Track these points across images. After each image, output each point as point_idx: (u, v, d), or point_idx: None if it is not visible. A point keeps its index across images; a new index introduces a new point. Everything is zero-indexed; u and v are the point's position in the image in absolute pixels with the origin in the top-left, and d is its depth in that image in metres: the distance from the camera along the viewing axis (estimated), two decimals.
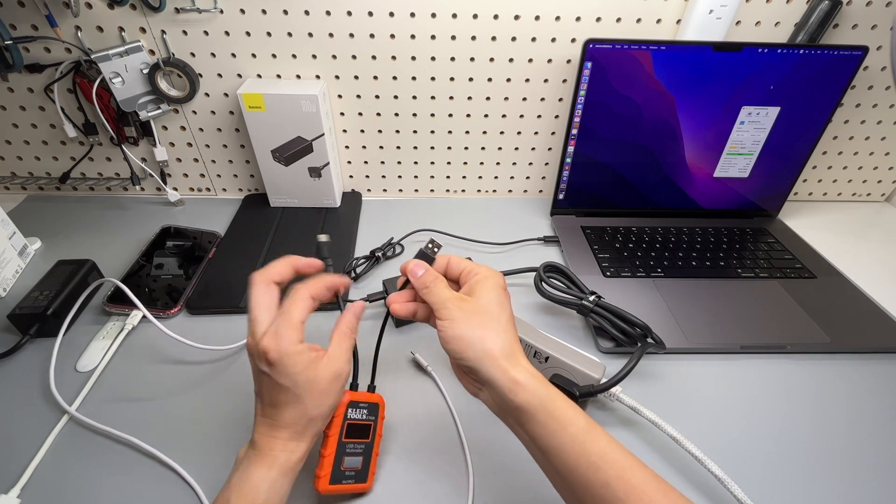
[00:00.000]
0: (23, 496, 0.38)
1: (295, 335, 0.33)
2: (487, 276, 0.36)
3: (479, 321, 0.33)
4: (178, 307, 0.54)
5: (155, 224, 0.66)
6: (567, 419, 0.31)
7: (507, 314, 0.35)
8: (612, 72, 0.60)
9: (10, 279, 0.57)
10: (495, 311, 0.34)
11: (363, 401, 0.39)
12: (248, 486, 0.31)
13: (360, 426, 0.38)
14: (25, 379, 0.47)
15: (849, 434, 0.45)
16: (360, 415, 0.38)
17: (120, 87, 0.61)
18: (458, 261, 0.37)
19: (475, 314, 0.33)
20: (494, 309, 0.34)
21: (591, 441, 0.30)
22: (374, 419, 0.39)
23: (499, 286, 0.35)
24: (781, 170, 0.69)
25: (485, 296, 0.34)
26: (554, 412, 0.31)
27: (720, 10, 0.58)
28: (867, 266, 0.65)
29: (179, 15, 0.59)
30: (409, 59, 0.63)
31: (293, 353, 0.32)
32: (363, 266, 0.61)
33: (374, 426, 0.39)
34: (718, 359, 0.51)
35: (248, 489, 0.31)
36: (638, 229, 0.69)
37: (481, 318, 0.33)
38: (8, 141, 0.69)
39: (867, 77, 0.66)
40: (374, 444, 0.39)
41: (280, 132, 0.64)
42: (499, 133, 0.71)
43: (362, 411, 0.39)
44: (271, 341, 0.32)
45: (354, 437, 0.38)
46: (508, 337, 0.33)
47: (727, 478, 0.38)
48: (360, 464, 0.38)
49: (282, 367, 0.32)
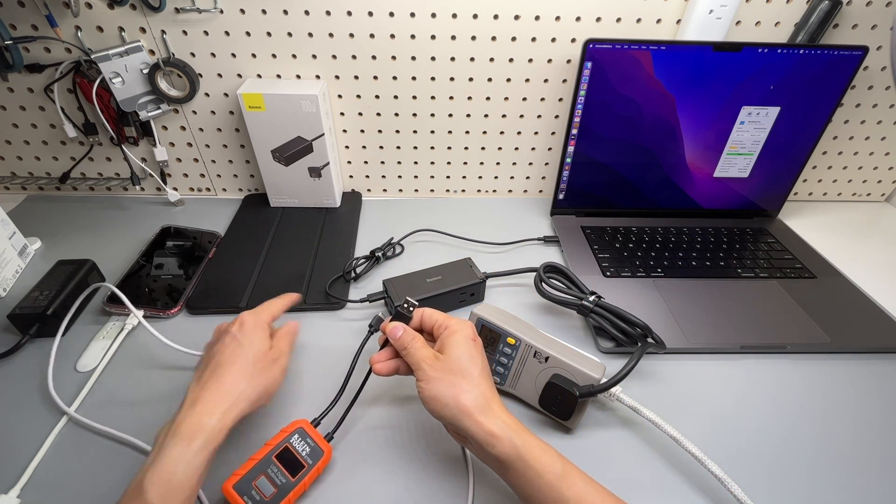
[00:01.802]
0: (23, 496, 0.38)
1: (266, 318, 0.41)
2: (455, 329, 0.38)
3: (452, 380, 0.35)
4: (177, 307, 0.54)
5: (155, 224, 0.66)
6: (543, 466, 0.32)
7: (479, 365, 0.37)
8: (612, 72, 0.60)
9: (9, 279, 0.57)
10: (466, 365, 0.36)
11: (313, 438, 0.39)
12: (164, 465, 0.30)
13: (294, 460, 0.37)
14: (25, 379, 0.47)
15: (849, 434, 0.45)
16: (302, 449, 0.38)
17: (120, 87, 0.61)
18: (431, 314, 0.40)
19: (447, 373, 0.36)
20: (465, 363, 0.36)
21: (566, 487, 0.31)
22: (311, 464, 0.38)
23: (467, 338, 0.38)
24: (781, 170, 0.69)
25: (454, 351, 0.37)
26: (530, 461, 0.32)
27: (720, 10, 0.58)
28: (867, 266, 0.65)
29: (179, 15, 0.59)
30: (409, 59, 0.63)
31: (261, 325, 0.40)
32: (363, 266, 0.61)
33: (306, 469, 0.37)
34: (718, 359, 0.51)
35: (164, 469, 0.30)
36: (638, 229, 0.69)
37: (453, 377, 0.35)
38: (8, 141, 0.69)
39: (867, 77, 0.66)
40: (295, 488, 0.36)
41: (280, 132, 0.64)
42: (499, 133, 0.71)
43: (305, 447, 0.38)
44: (248, 314, 0.41)
45: (283, 464, 0.37)
46: (482, 390, 0.35)
47: (727, 478, 0.38)
48: (271, 496, 0.35)
49: (248, 331, 0.39)
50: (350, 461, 0.41)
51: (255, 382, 0.37)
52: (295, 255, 0.63)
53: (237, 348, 0.38)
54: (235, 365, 0.37)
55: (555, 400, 0.43)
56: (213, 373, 0.36)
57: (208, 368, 0.37)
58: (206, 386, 0.35)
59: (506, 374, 0.46)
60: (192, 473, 0.31)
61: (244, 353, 0.37)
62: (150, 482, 0.29)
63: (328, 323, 0.54)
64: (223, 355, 0.37)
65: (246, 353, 0.37)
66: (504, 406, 0.36)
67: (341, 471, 0.40)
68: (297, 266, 0.61)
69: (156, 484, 0.29)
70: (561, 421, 0.44)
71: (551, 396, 0.43)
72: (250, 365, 0.37)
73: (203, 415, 0.33)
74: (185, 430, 0.32)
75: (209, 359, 0.38)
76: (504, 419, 0.34)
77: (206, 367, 0.37)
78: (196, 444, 0.31)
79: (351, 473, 0.40)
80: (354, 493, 0.39)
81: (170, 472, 0.30)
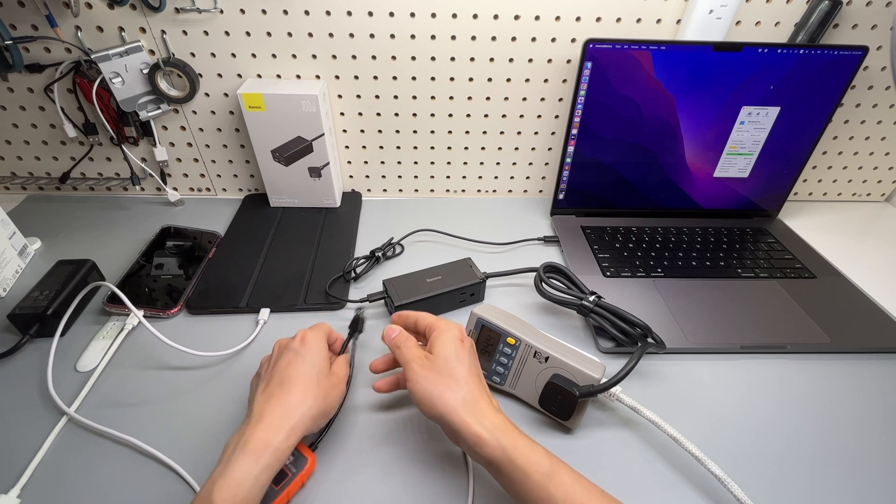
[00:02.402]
0: (22, 496, 0.38)
1: (324, 335, 0.42)
2: (443, 329, 0.39)
3: (438, 379, 0.36)
4: (177, 307, 0.54)
5: (155, 224, 0.66)
6: (530, 466, 0.32)
7: (466, 365, 0.37)
8: (612, 72, 0.60)
9: (10, 279, 0.57)
10: (453, 365, 0.37)
11: (297, 448, 0.38)
12: (232, 479, 0.31)
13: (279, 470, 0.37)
14: (25, 379, 0.47)
15: (849, 434, 0.45)
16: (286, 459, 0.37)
17: (120, 87, 0.61)
18: (424, 317, 0.42)
19: (435, 372, 0.36)
20: (452, 363, 0.37)
21: (553, 486, 0.31)
22: (294, 472, 0.38)
23: (455, 339, 0.38)
24: (781, 170, 0.69)
25: (441, 352, 0.38)
26: (516, 461, 0.32)
27: (720, 10, 0.58)
28: (867, 266, 0.65)
29: (179, 15, 0.59)
30: (409, 59, 0.63)
31: (322, 342, 0.41)
32: (363, 266, 0.61)
33: (289, 479, 0.37)
34: (718, 359, 0.51)
35: (233, 482, 0.31)
36: (638, 229, 0.69)
37: (440, 376, 0.36)
38: (8, 141, 0.69)
39: (867, 77, 0.66)
40: (279, 497, 0.36)
41: (280, 132, 0.64)
42: (499, 133, 0.71)
43: (290, 457, 0.38)
44: (308, 330, 0.41)
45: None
46: (469, 388, 0.36)
47: (727, 478, 0.38)
48: None
49: (310, 347, 0.39)
50: (350, 461, 0.41)
51: (318, 402, 0.37)
52: (295, 255, 0.63)
53: (301, 365, 0.38)
54: (301, 382, 0.37)
55: (555, 400, 0.43)
56: (278, 387, 0.36)
57: (273, 382, 0.37)
58: (271, 399, 0.35)
59: (506, 374, 0.46)
60: (258, 489, 0.32)
61: (308, 370, 0.38)
62: (220, 495, 0.30)
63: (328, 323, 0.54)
64: (288, 371, 0.37)
65: (310, 370, 0.38)
66: (495, 405, 0.36)
67: (341, 471, 0.40)
68: (297, 266, 0.61)
69: (224, 497, 0.30)
70: (561, 421, 0.44)
71: (551, 396, 0.43)
72: (315, 383, 0.37)
73: (270, 431, 0.33)
74: (254, 446, 0.32)
75: (273, 373, 0.38)
76: (492, 419, 0.34)
77: (271, 380, 0.37)
78: (263, 462, 0.32)
79: (351, 474, 0.40)
80: (354, 493, 0.39)
81: (238, 486, 0.31)
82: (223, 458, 0.33)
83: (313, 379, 0.38)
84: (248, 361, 0.50)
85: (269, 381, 0.38)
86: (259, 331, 0.52)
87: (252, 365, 0.49)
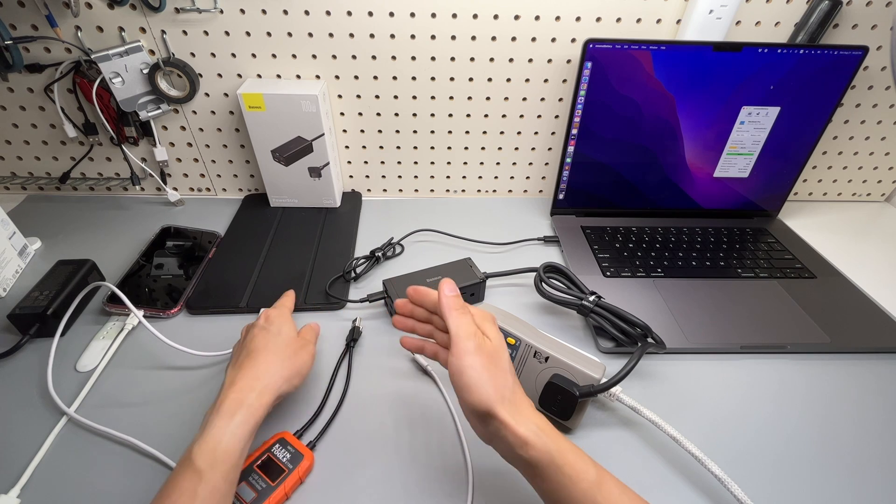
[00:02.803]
0: (23, 496, 0.38)
1: (286, 311, 0.45)
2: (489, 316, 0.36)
3: (493, 367, 0.33)
4: (177, 307, 0.54)
5: (155, 224, 0.66)
6: (577, 473, 0.30)
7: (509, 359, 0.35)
8: (612, 72, 0.60)
9: (10, 279, 0.57)
10: (504, 357, 0.34)
11: (293, 445, 0.40)
12: (209, 437, 0.33)
13: (275, 466, 0.38)
14: (25, 379, 0.47)
15: (849, 434, 0.45)
16: (283, 456, 0.39)
17: (120, 87, 0.61)
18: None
19: (490, 359, 0.33)
20: (503, 354, 0.34)
21: (602, 495, 0.30)
22: (291, 469, 0.38)
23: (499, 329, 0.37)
24: (781, 170, 0.69)
25: (496, 338, 0.34)
26: (563, 467, 0.30)
27: (720, 10, 0.58)
28: (867, 266, 0.65)
29: (179, 15, 0.59)
30: (409, 59, 0.63)
31: (285, 315, 0.44)
32: (363, 266, 0.61)
33: (286, 474, 0.38)
34: (718, 359, 0.51)
35: (210, 440, 0.33)
36: (638, 229, 0.69)
37: (495, 365, 0.33)
38: (8, 141, 0.69)
39: (867, 77, 0.66)
40: (275, 491, 0.37)
41: (280, 132, 0.64)
42: (499, 133, 0.71)
43: (286, 454, 0.39)
44: (272, 309, 0.45)
45: (264, 472, 0.38)
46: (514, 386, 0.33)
47: (727, 478, 0.38)
48: (251, 500, 0.36)
49: (274, 321, 0.42)
50: (349, 462, 0.41)
51: (287, 363, 0.40)
52: (295, 255, 0.63)
53: (267, 335, 0.41)
54: (268, 349, 0.40)
55: (555, 400, 0.43)
56: (247, 357, 0.39)
57: (242, 354, 0.40)
58: (241, 368, 0.38)
59: None
60: (236, 444, 0.33)
61: (274, 339, 0.41)
62: (198, 452, 0.32)
63: (328, 323, 0.54)
64: (255, 342, 0.40)
65: (276, 338, 0.41)
66: (531, 404, 0.34)
67: (340, 471, 0.40)
68: (297, 266, 0.61)
69: (203, 453, 0.32)
70: (561, 421, 0.44)
71: (551, 396, 0.43)
72: (282, 348, 0.40)
73: (241, 392, 0.36)
74: (227, 406, 0.35)
75: (241, 348, 0.41)
76: (536, 421, 0.32)
77: (240, 355, 0.40)
78: (237, 419, 0.34)
79: (350, 474, 0.40)
80: (354, 492, 0.39)
81: (215, 443, 0.33)
82: (200, 427, 0.35)
83: (280, 345, 0.40)
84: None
85: (237, 355, 0.40)
86: None
87: None
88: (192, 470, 0.31)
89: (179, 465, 0.33)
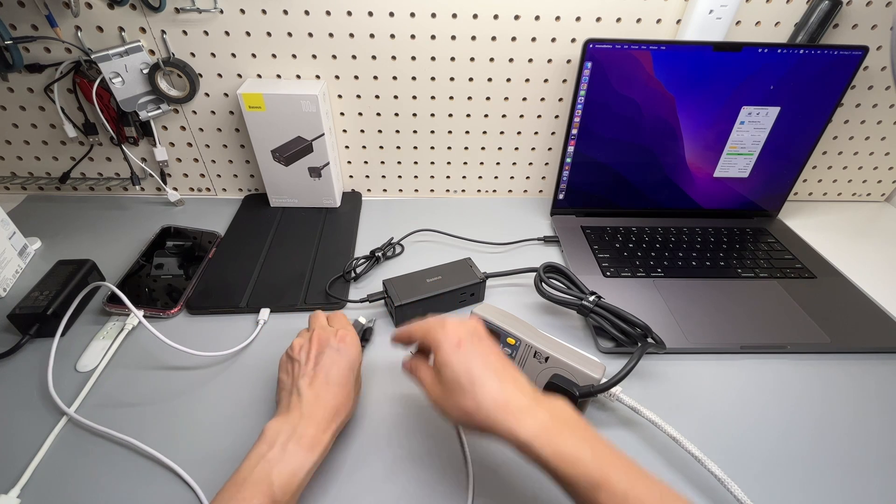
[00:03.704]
0: (23, 496, 0.38)
1: (357, 336, 0.43)
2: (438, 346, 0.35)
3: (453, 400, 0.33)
4: (177, 307, 0.54)
5: (155, 224, 0.66)
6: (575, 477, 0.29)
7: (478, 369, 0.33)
8: (612, 72, 0.60)
9: (10, 279, 0.57)
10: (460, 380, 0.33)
11: None
12: (291, 467, 0.33)
13: None
14: (25, 379, 0.47)
15: (849, 434, 0.45)
16: None
17: (120, 87, 0.61)
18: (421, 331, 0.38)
19: (448, 393, 0.34)
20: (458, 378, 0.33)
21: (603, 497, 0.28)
22: None
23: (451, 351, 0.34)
24: (781, 170, 0.69)
25: (444, 371, 0.34)
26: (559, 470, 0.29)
27: (720, 10, 0.58)
28: (867, 266, 0.65)
29: (179, 15, 0.59)
30: (409, 59, 0.63)
31: (357, 344, 0.42)
32: (363, 266, 0.61)
33: None
34: (718, 359, 0.51)
35: (291, 470, 0.33)
36: (638, 229, 0.69)
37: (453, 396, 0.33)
38: (8, 141, 0.69)
39: (867, 77, 0.66)
40: None
41: (280, 132, 0.64)
42: (499, 133, 0.71)
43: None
44: (349, 333, 0.42)
45: None
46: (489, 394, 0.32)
47: (727, 478, 0.38)
48: None
49: (350, 347, 0.41)
50: (349, 462, 0.41)
51: (350, 402, 0.40)
52: (295, 255, 0.63)
53: (344, 367, 0.40)
54: (343, 386, 0.39)
55: None
56: (324, 388, 0.38)
57: (318, 380, 0.38)
58: (319, 401, 0.37)
59: None
60: (307, 480, 0.34)
61: (349, 374, 0.40)
62: (279, 478, 0.32)
63: None
64: (332, 372, 0.39)
65: (350, 374, 0.40)
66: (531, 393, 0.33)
67: (340, 471, 0.40)
68: (297, 266, 0.61)
69: (283, 483, 0.32)
70: None
71: None
72: (352, 386, 0.40)
73: (319, 429, 0.36)
74: (308, 441, 0.35)
75: (318, 371, 0.39)
76: (532, 419, 0.31)
77: (316, 377, 0.38)
78: (315, 456, 0.34)
79: (350, 474, 0.40)
80: (355, 492, 0.39)
81: (294, 475, 0.33)
82: (276, 444, 0.34)
83: (352, 382, 0.40)
84: (248, 361, 0.50)
85: (314, 377, 0.39)
86: (259, 331, 0.52)
87: (252, 365, 0.49)
88: (270, 496, 0.31)
89: (253, 481, 0.31)
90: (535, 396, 0.33)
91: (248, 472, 0.32)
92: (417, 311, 0.53)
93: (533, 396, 0.33)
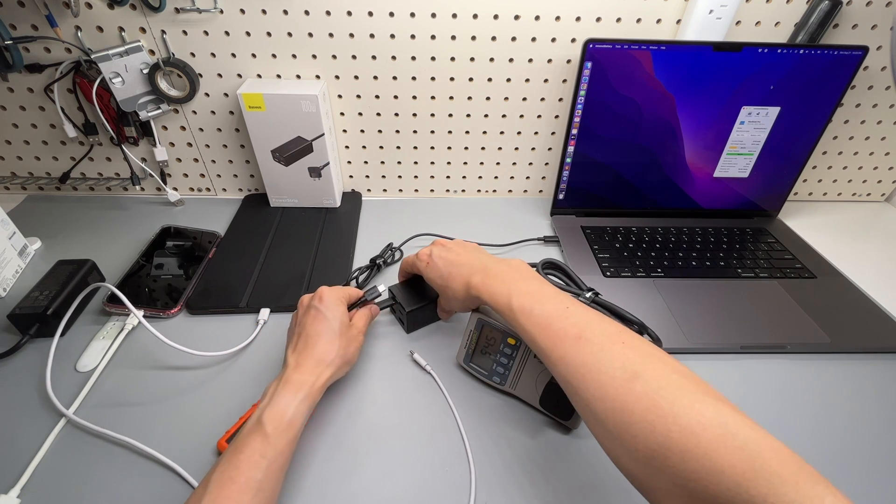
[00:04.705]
0: (23, 496, 0.38)
1: (342, 294, 0.46)
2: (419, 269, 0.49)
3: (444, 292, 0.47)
4: (177, 307, 0.54)
5: (155, 224, 0.66)
6: (494, 301, 0.41)
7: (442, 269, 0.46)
8: (612, 72, 0.60)
9: (10, 279, 0.57)
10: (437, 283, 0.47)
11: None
12: (277, 407, 0.37)
13: None
14: (25, 379, 0.47)
15: (849, 434, 0.45)
16: None
17: (120, 87, 0.61)
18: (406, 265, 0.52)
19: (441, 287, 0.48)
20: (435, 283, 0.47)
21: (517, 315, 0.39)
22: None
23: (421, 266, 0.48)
24: (781, 170, 0.69)
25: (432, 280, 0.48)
26: (482, 297, 0.42)
27: (720, 10, 0.58)
28: (867, 266, 0.65)
29: (179, 15, 0.59)
30: (409, 59, 0.63)
31: (339, 299, 0.45)
32: (364, 276, 0.60)
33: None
34: (718, 359, 0.51)
35: (278, 409, 0.36)
36: (638, 229, 0.69)
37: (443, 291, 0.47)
38: (8, 141, 0.69)
39: (867, 77, 0.66)
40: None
41: (280, 132, 0.64)
42: (499, 133, 0.71)
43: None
44: (327, 290, 0.46)
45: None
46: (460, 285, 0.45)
47: None
48: None
49: (329, 305, 0.44)
50: (349, 461, 0.41)
51: (340, 352, 0.43)
52: (295, 255, 0.63)
53: (323, 321, 0.43)
54: (323, 336, 0.42)
55: (555, 400, 0.43)
56: (305, 344, 0.42)
57: (301, 338, 0.43)
58: (303, 353, 0.41)
59: (506, 375, 0.46)
60: (297, 417, 0.37)
61: (329, 325, 0.43)
62: (267, 418, 0.36)
63: None
64: (312, 327, 0.43)
65: (331, 325, 0.43)
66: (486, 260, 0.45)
67: (340, 471, 0.40)
68: (297, 266, 0.61)
69: (272, 419, 0.36)
70: (562, 421, 0.44)
71: (552, 396, 0.43)
72: (336, 337, 0.43)
73: (304, 374, 0.40)
74: (292, 384, 0.38)
75: (301, 329, 0.43)
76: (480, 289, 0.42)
77: (299, 336, 0.43)
78: (300, 395, 0.38)
79: (350, 473, 0.40)
80: (355, 492, 0.39)
81: (282, 412, 0.36)
82: (266, 396, 0.38)
83: (334, 332, 0.43)
84: (248, 361, 0.50)
85: (297, 336, 0.43)
86: (259, 331, 0.53)
87: (252, 365, 0.49)
88: (262, 433, 0.35)
89: (249, 428, 0.36)
90: (489, 260, 0.46)
91: (248, 423, 0.37)
92: (426, 315, 0.54)
93: (487, 261, 0.46)
